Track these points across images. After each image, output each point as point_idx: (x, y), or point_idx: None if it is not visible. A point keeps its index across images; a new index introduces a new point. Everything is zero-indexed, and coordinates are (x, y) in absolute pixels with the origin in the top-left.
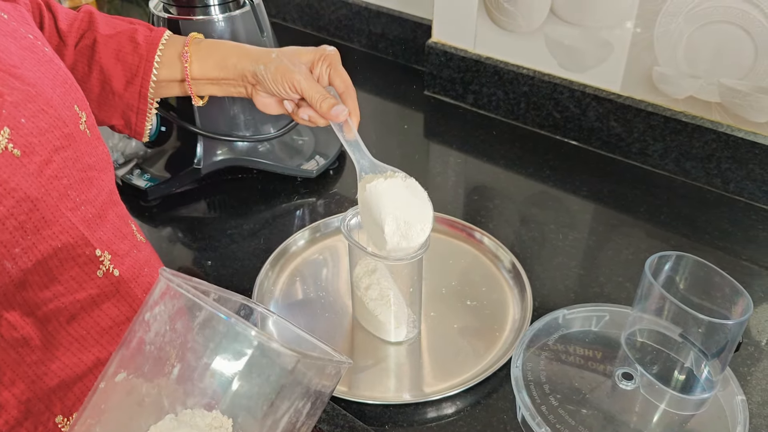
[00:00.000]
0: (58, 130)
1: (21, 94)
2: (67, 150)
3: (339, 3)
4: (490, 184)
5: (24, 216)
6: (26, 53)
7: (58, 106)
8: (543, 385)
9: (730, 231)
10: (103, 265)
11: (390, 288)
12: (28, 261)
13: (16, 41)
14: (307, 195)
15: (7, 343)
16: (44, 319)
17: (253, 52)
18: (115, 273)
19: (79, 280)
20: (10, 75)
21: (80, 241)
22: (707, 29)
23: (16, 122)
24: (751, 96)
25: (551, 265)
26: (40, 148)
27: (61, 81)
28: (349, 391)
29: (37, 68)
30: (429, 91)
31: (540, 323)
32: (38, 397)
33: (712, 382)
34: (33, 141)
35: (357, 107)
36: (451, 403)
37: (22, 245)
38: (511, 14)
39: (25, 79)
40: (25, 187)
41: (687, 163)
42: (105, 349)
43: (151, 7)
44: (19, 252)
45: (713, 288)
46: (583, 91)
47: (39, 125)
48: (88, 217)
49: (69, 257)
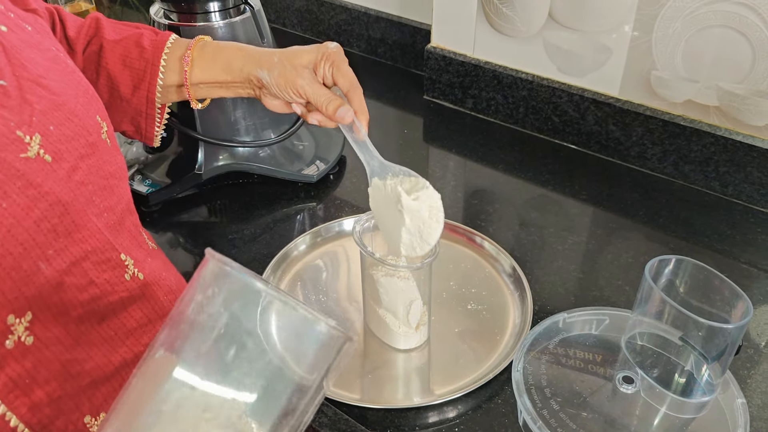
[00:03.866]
0: (82, 138)
1: (48, 103)
2: (91, 158)
3: (338, 8)
4: (489, 188)
5: (56, 219)
6: (51, 64)
7: (82, 115)
8: (544, 389)
9: (729, 234)
10: (128, 269)
11: (404, 295)
12: (62, 263)
13: (41, 53)
14: (308, 200)
15: (42, 343)
16: (78, 319)
17: (255, 54)
18: (140, 276)
19: (112, 282)
20: (37, 84)
21: (107, 245)
22: (705, 33)
23: (46, 129)
24: (749, 100)
25: (551, 269)
26: (68, 154)
27: (83, 91)
28: (351, 395)
29: (62, 79)
30: (428, 96)
31: (541, 327)
32: (69, 395)
33: (712, 386)
34: (61, 148)
35: (364, 106)
36: (453, 407)
37: (55, 247)
38: (510, 19)
39: (51, 88)
40: (57, 191)
41: (685, 167)
42: (131, 351)
43: (152, 14)
44: (52, 254)
45: (713, 291)
46: (581, 95)
47: (66, 133)
48: (110, 223)
49: (100, 260)
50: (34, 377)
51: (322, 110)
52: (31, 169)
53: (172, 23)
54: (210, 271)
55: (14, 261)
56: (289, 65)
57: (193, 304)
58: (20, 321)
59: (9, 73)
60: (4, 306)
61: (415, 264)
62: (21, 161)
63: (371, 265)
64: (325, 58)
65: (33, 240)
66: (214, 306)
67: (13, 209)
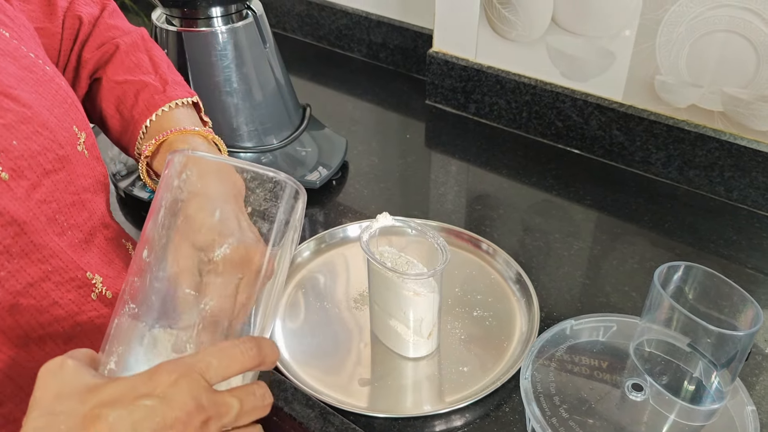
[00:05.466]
0: (51, 152)
1: (15, 116)
2: (60, 173)
3: (339, 12)
4: (493, 193)
5: (9, 240)
6: (25, 73)
7: (54, 127)
8: (553, 397)
9: (735, 239)
10: (96, 287)
11: (418, 304)
12: (17, 284)
13: (15, 60)
14: (310, 206)
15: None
16: (40, 340)
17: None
18: (108, 295)
19: (78, 302)
20: (5, 96)
21: (71, 264)
22: (710, 38)
23: (7, 144)
24: (753, 105)
25: (557, 275)
26: (29, 171)
27: (60, 101)
28: (358, 404)
29: (35, 89)
30: (430, 101)
31: (548, 334)
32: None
33: (722, 393)
34: (22, 164)
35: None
36: (460, 415)
37: (8, 269)
38: (512, 24)
39: (21, 100)
40: (12, 210)
41: (690, 172)
42: None
43: (154, 19)
44: (5, 275)
45: (722, 298)
46: (585, 100)
47: (31, 147)
48: (74, 242)
49: (63, 280)
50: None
51: None
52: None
53: (174, 29)
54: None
55: None
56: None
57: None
58: None
59: None
60: None
61: (425, 272)
62: None
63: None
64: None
65: None
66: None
67: None
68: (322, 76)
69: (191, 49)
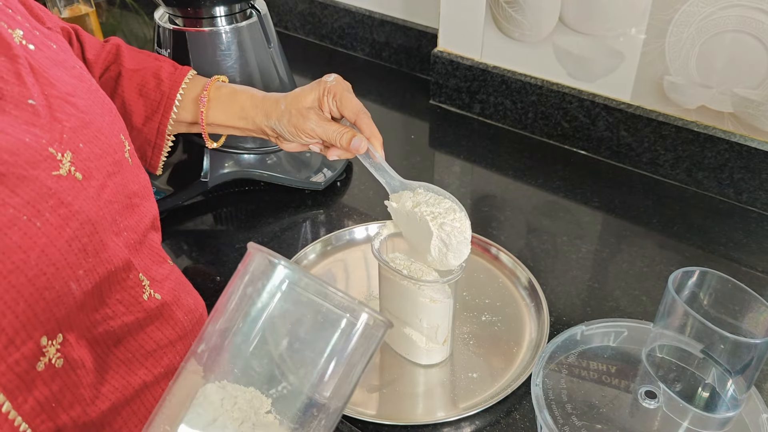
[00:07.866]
0: (109, 156)
1: (77, 121)
2: (117, 176)
3: (342, 11)
4: (499, 194)
5: (86, 238)
6: (77, 82)
7: (107, 133)
8: (565, 404)
9: (744, 242)
10: (146, 289)
11: (434, 312)
12: (89, 283)
13: (67, 71)
14: (315, 207)
15: (69, 366)
16: (94, 341)
17: (264, 105)
18: (157, 297)
19: (126, 303)
20: (66, 102)
21: (127, 265)
22: (720, 38)
23: (76, 146)
24: (764, 106)
25: (565, 279)
26: (97, 172)
27: (108, 110)
28: (367, 411)
29: (88, 97)
30: (435, 101)
31: (559, 339)
32: (92, 420)
33: (737, 401)
34: (90, 165)
35: (375, 130)
36: (470, 422)
37: (85, 267)
38: (519, 23)
39: (79, 106)
40: (87, 209)
41: (699, 173)
42: (150, 372)
43: (157, 18)
44: (82, 274)
45: (737, 304)
46: (592, 100)
47: (94, 151)
48: (129, 242)
49: (116, 281)
50: (60, 401)
51: (337, 145)
52: (62, 188)
53: (177, 28)
54: (257, 264)
55: (47, 281)
56: (295, 111)
57: (238, 297)
58: (52, 343)
59: (38, 92)
60: (36, 328)
61: (440, 279)
62: (53, 179)
63: (395, 281)
64: (326, 93)
65: (65, 260)
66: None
67: (47, 229)
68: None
69: (194, 48)
